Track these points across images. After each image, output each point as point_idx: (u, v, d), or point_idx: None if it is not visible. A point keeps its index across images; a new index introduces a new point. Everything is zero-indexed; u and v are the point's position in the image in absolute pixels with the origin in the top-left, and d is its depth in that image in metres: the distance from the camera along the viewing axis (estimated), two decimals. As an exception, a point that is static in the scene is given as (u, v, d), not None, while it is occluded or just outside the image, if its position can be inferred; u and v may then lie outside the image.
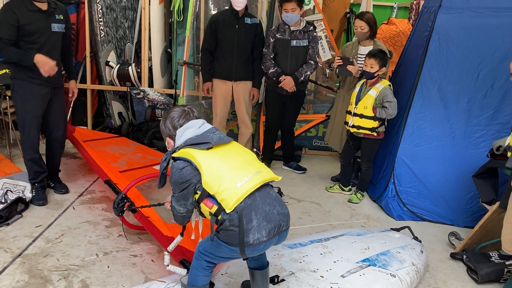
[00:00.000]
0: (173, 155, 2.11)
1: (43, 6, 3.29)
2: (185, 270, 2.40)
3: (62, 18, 3.43)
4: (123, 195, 2.81)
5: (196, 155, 2.04)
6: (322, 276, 2.54)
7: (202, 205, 2.08)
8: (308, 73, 4.37)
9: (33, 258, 2.83)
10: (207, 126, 2.21)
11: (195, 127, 2.16)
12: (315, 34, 4.36)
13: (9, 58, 3.27)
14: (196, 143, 2.09)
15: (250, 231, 1.98)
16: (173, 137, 2.20)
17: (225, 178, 2.02)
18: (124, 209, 2.83)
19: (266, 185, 2.15)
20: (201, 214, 2.17)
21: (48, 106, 3.52)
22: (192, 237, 2.46)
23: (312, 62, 4.35)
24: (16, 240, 3.02)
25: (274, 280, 2.46)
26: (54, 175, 3.82)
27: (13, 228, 3.18)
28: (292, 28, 4.25)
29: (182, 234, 2.37)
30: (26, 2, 3.23)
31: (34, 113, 3.44)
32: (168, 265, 2.41)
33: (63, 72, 3.77)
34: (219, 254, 2.12)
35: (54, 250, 2.93)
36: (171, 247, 2.40)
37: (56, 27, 3.37)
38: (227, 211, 1.99)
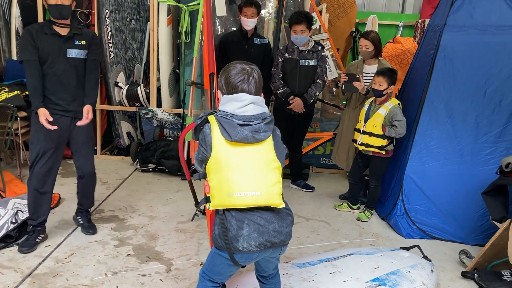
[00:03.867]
0: (209, 117, 1.98)
1: (63, 32, 3.16)
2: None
3: (84, 43, 3.23)
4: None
5: (216, 135, 1.92)
6: (332, 296, 2.52)
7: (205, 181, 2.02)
8: (317, 93, 4.40)
9: (42, 278, 2.84)
10: (252, 110, 1.96)
11: (239, 104, 1.95)
12: (323, 53, 4.41)
13: (27, 84, 3.10)
14: (223, 125, 1.92)
15: (240, 238, 1.90)
16: (222, 91, 2.03)
17: (221, 178, 1.90)
18: None
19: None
20: None
21: (73, 140, 3.29)
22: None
23: (320, 81, 4.39)
24: (25, 260, 3.03)
25: (283, 299, 2.44)
26: (85, 212, 3.59)
27: (23, 248, 3.19)
28: (301, 48, 4.30)
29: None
30: (45, 26, 3.14)
31: (45, 145, 3.14)
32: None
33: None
34: (216, 269, 2.07)
35: (63, 270, 2.94)
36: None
37: (73, 53, 3.18)
38: (209, 207, 1.94)
